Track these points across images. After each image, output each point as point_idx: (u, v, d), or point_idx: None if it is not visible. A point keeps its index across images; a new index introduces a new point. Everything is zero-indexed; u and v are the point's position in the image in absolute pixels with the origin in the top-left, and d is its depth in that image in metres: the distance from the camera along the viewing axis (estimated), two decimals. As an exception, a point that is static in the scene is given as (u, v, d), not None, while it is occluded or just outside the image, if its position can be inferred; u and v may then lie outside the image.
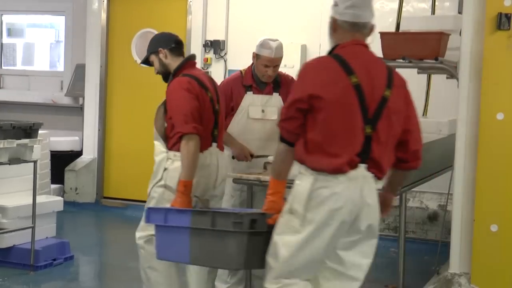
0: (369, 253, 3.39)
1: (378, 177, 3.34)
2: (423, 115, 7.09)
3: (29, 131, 5.62)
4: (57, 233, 6.37)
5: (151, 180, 4.29)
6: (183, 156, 4.01)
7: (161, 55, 4.37)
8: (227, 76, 8.05)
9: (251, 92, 4.98)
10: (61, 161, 8.55)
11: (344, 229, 3.26)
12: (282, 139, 3.33)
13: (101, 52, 8.83)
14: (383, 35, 5.10)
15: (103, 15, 8.83)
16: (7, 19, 10.20)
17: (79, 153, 9.00)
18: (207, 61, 8.26)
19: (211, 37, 8.27)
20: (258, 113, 4.95)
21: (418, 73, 5.82)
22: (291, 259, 3.26)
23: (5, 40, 10.20)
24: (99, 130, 8.88)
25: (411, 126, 3.45)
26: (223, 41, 8.23)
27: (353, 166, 3.24)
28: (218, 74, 8.24)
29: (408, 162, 3.48)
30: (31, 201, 5.76)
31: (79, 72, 9.26)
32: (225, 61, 8.24)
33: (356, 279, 3.36)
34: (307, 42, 7.89)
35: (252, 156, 4.89)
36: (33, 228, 5.74)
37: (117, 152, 8.89)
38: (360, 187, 3.26)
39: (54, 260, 5.94)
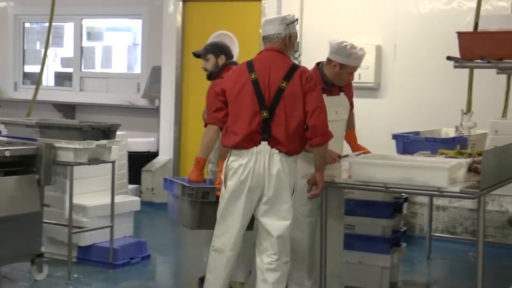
0: (284, 216, 4.28)
1: (282, 152, 4.24)
2: (502, 116, 6.92)
3: (108, 132, 5.73)
4: (134, 233, 6.49)
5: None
6: (204, 138, 4.67)
7: (219, 60, 5.29)
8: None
9: (325, 95, 4.94)
10: (138, 162, 8.70)
11: (255, 194, 4.24)
12: (210, 123, 4.49)
13: (176, 54, 8.96)
14: (460, 35, 5.00)
15: (179, 18, 8.95)
16: (87, 23, 10.46)
17: (155, 154, 9.15)
18: (281, 62, 8.25)
19: (285, 38, 8.26)
20: (333, 114, 4.93)
21: (497, 73, 5.67)
22: (219, 221, 4.31)
23: (85, 43, 10.46)
24: (174, 131, 9.01)
25: (309, 108, 4.26)
26: (297, 43, 8.21)
27: (256, 143, 4.22)
28: (292, 75, 8.23)
29: (311, 139, 4.28)
30: (109, 201, 5.88)
31: (155, 74, 9.42)
32: (299, 62, 8.22)
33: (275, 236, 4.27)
34: (382, 43, 7.80)
35: (339, 157, 4.87)
36: (111, 227, 5.86)
37: (193, 152, 8.95)
38: (263, 160, 4.22)
39: (132, 259, 6.05)
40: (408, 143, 5.72)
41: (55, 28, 9.69)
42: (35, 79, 8.94)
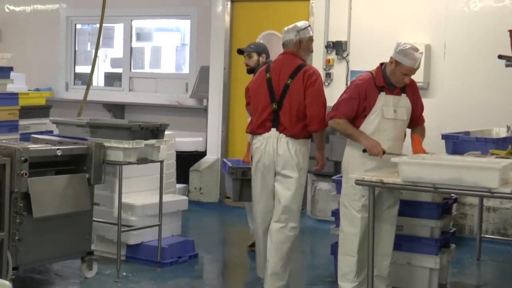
0: (289, 187, 5.19)
1: (288, 135, 5.18)
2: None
3: (156, 132, 5.77)
4: (182, 232, 6.54)
5: None
6: None
7: (261, 58, 6.43)
8: (349, 77, 8.00)
9: (384, 93, 4.98)
10: (186, 161, 8.76)
11: (269, 170, 5.22)
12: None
13: (224, 54, 9.00)
14: (512, 32, 4.91)
15: (227, 18, 8.98)
16: (136, 24, 10.58)
17: (203, 154, 9.20)
18: (329, 62, 8.23)
19: (333, 38, 8.23)
20: (391, 113, 4.99)
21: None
22: (253, 191, 5.40)
23: (134, 44, 10.57)
24: (222, 131, 9.04)
25: (307, 100, 5.19)
26: (345, 42, 8.17)
27: (267, 129, 5.23)
28: (340, 75, 8.20)
29: (309, 125, 5.22)
30: (157, 200, 5.94)
31: (203, 74, 9.47)
32: (347, 62, 8.18)
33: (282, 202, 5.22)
34: (432, 42, 7.70)
35: (384, 152, 4.87)
36: (159, 226, 5.92)
37: (240, 152, 9.00)
38: (273, 143, 5.19)
39: (180, 257, 6.09)
40: (458, 143, 5.65)
41: (106, 29, 9.83)
42: (86, 79, 9.08)
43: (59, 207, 5.23)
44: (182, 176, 8.49)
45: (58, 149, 5.25)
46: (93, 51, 7.98)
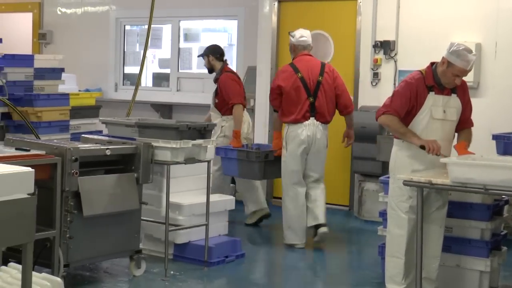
0: (321, 161, 6.73)
1: (324, 122, 6.60)
2: None
3: (203, 132, 5.79)
4: (229, 231, 6.56)
5: (213, 134, 6.39)
6: (237, 116, 7.31)
7: (209, 59, 7.57)
8: (397, 77, 7.93)
9: (433, 93, 4.92)
10: (233, 161, 8.78)
11: (307, 151, 6.57)
12: (274, 110, 6.83)
13: (271, 55, 9.00)
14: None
15: (274, 18, 8.99)
16: (184, 24, 10.66)
17: (250, 154, 9.21)
18: (376, 62, 8.16)
19: (381, 37, 8.16)
20: (440, 113, 4.93)
21: None
22: (284, 170, 6.72)
23: (182, 44, 10.66)
24: (269, 130, 9.05)
25: (338, 91, 6.68)
26: (393, 42, 8.10)
27: (306, 118, 6.53)
28: (387, 75, 8.13)
29: (341, 111, 6.75)
30: (205, 200, 5.97)
31: (250, 74, 9.49)
32: (395, 61, 8.11)
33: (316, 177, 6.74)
34: (482, 41, 7.58)
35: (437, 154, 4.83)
36: (206, 225, 5.95)
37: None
38: (312, 130, 6.54)
39: (226, 257, 6.12)
40: (509, 144, 5.56)
41: (154, 30, 9.93)
42: (135, 80, 9.19)
43: (108, 206, 5.30)
44: (229, 176, 8.51)
45: (107, 148, 5.32)
46: (142, 52, 8.07)
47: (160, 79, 10.95)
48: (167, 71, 10.79)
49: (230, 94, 7.35)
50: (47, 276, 3.79)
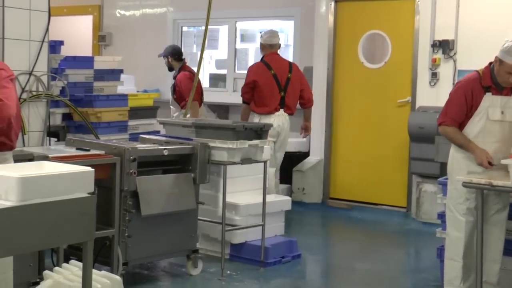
0: (283, 149, 7.55)
1: (290, 114, 7.46)
2: None
3: (260, 132, 5.80)
4: (285, 232, 6.55)
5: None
6: (193, 114, 7.74)
7: (169, 60, 8.24)
8: (456, 77, 7.79)
9: (490, 93, 4.81)
10: (289, 162, 8.78)
11: (277, 137, 7.31)
12: (244, 102, 7.52)
13: (328, 55, 8.96)
14: None
15: (331, 18, 8.95)
16: (241, 25, 10.69)
17: (306, 154, 9.20)
18: (435, 61, 8.04)
19: (439, 36, 8.04)
20: (497, 114, 4.80)
21: None
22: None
23: (238, 45, 10.69)
24: (326, 131, 9.01)
25: (303, 87, 7.57)
26: (452, 41, 7.96)
27: (277, 110, 7.35)
28: (446, 75, 8.00)
29: (304, 104, 7.65)
30: (261, 200, 5.97)
31: (307, 74, 9.43)
32: (454, 61, 7.97)
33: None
34: (545, 39, 7.38)
35: (490, 164, 4.73)
36: (263, 226, 5.95)
37: (343, 153, 8.97)
38: (281, 120, 7.36)
39: (283, 257, 6.11)
40: None
41: (210, 31, 9.97)
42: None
43: (165, 205, 5.35)
44: (285, 176, 8.52)
45: (165, 149, 5.38)
46: (199, 52, 8.13)
47: (216, 80, 11.01)
48: (224, 71, 10.84)
49: (186, 91, 7.80)
50: (107, 274, 3.85)
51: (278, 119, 7.34)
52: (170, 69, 8.40)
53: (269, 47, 7.51)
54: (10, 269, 3.82)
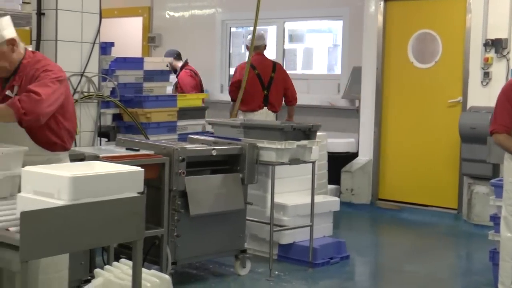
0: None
1: (273, 111, 7.96)
2: None
3: (308, 133, 5.79)
4: (333, 233, 6.52)
5: None
6: None
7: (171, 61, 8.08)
8: (509, 77, 7.64)
9: None
10: (338, 162, 8.74)
11: None
12: (232, 100, 8.01)
13: (377, 55, 8.89)
14: None
15: (380, 18, 8.87)
16: (289, 26, 10.68)
17: (355, 155, 9.14)
18: (487, 60, 7.89)
19: (492, 35, 7.89)
20: None
21: None
22: None
23: (287, 46, 10.68)
24: (374, 132, 8.94)
25: (287, 86, 8.07)
26: (506, 40, 7.80)
27: (261, 107, 7.85)
28: (499, 74, 7.85)
29: (290, 101, 8.11)
30: (309, 201, 5.96)
31: (355, 75, 9.40)
32: (507, 60, 7.82)
33: None
34: None
35: None
36: (311, 226, 5.94)
37: (393, 154, 8.87)
38: (264, 117, 7.73)
39: (331, 258, 6.09)
40: None
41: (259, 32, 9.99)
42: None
43: (214, 205, 5.38)
44: (334, 177, 8.47)
45: (213, 149, 5.40)
46: (247, 53, 8.18)
47: (265, 81, 11.00)
48: (272, 72, 10.83)
49: (188, 87, 8.53)
50: (156, 273, 3.88)
51: (261, 116, 7.82)
52: (174, 71, 8.73)
53: (255, 48, 7.93)
54: (66, 267, 3.88)
